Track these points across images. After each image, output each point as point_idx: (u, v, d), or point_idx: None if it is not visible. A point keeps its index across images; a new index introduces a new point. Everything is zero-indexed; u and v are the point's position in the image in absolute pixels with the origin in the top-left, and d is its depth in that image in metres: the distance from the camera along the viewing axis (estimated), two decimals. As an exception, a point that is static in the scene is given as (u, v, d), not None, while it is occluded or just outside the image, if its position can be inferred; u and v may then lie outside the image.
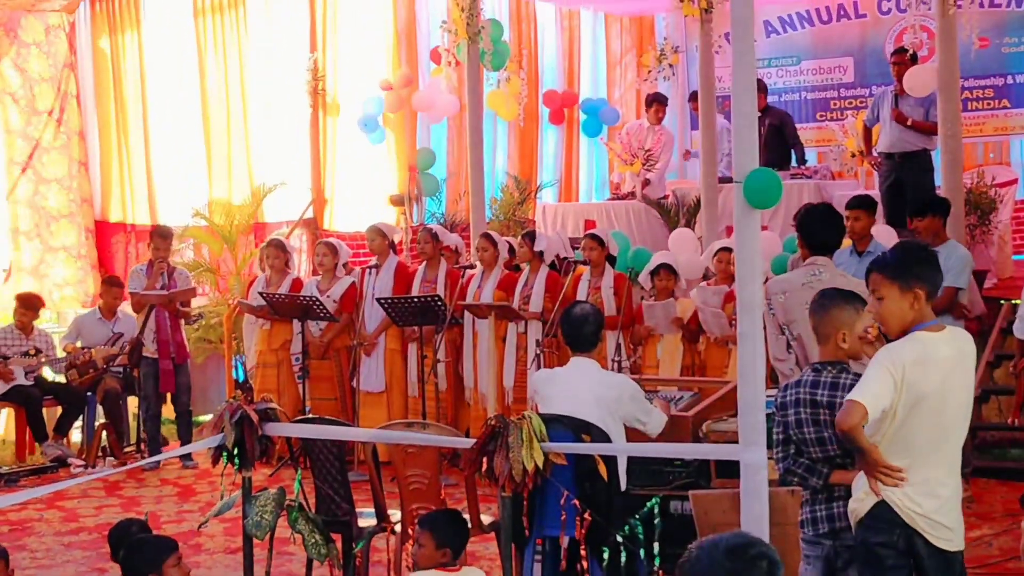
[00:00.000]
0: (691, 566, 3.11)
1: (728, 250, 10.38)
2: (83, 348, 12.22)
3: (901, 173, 12.26)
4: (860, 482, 5.15)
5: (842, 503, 5.38)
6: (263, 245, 12.41)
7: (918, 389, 4.98)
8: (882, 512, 5.06)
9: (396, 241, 12.39)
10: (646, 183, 14.37)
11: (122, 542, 6.03)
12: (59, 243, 14.42)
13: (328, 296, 11.40)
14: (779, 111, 14.78)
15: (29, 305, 12.45)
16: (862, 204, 9.33)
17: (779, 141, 14.11)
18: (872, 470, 5.05)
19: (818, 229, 7.52)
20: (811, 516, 5.47)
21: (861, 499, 5.12)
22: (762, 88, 14.36)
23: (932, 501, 5.05)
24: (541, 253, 11.12)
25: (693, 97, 15.38)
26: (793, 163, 13.98)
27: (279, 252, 11.94)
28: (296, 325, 11.45)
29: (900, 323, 5.13)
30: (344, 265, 11.81)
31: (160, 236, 12.28)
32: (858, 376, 5.27)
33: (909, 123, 12.14)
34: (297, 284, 11.79)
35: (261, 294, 11.54)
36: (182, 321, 12.28)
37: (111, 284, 12.74)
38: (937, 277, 5.22)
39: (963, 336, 5.25)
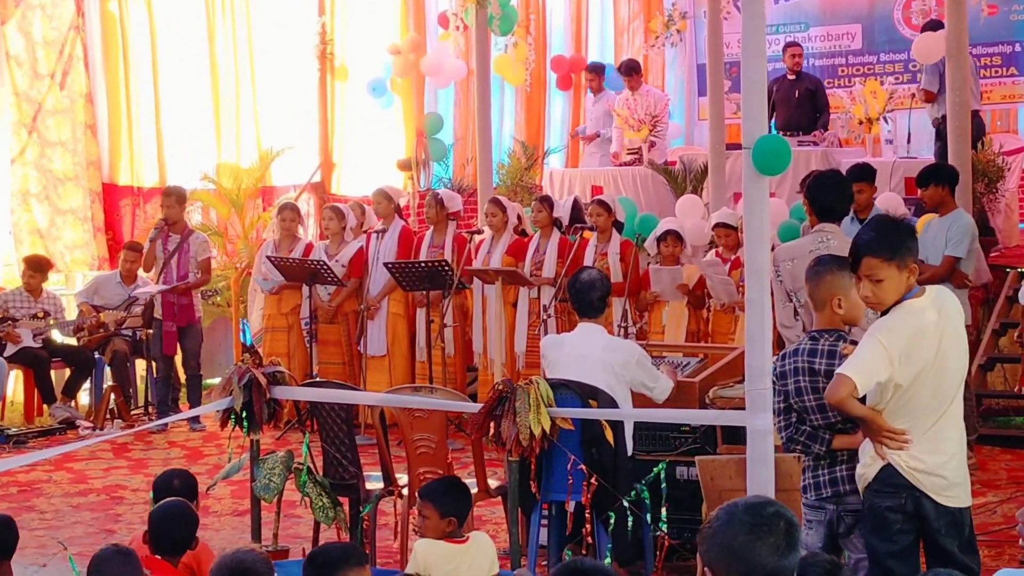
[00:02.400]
0: (712, 529, 3.16)
1: (725, 226, 10.41)
2: (95, 310, 12.27)
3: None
4: (866, 448, 5.18)
5: (845, 467, 5.41)
6: (278, 208, 12.37)
7: (920, 359, 5.03)
8: (889, 475, 5.10)
9: (402, 205, 12.41)
10: (652, 145, 14.37)
11: (163, 495, 6.00)
12: (66, 206, 14.43)
13: (336, 260, 11.43)
14: (814, 77, 14.84)
15: (37, 267, 12.48)
16: (859, 174, 9.38)
17: (811, 106, 14.17)
18: (875, 435, 5.09)
19: (827, 196, 7.52)
20: (814, 481, 5.51)
21: (868, 464, 5.16)
22: (798, 51, 14.41)
23: (936, 457, 5.10)
24: (557, 219, 11.14)
25: (627, 69, 15.23)
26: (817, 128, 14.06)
27: (295, 215, 12.02)
28: (304, 289, 11.48)
29: (897, 298, 5.15)
30: (352, 228, 11.83)
31: (165, 194, 12.27)
32: (856, 343, 5.29)
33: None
34: (310, 249, 11.83)
35: (269, 258, 11.57)
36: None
37: (131, 249, 12.73)
38: (917, 245, 5.25)
39: (944, 295, 5.27)
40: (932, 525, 5.11)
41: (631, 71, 15.05)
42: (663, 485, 6.37)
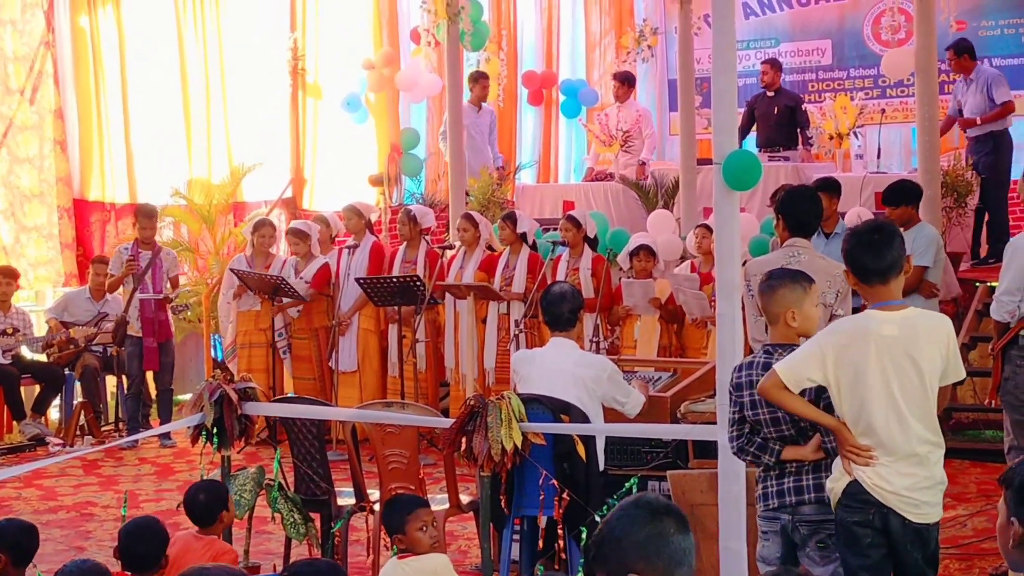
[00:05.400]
0: (613, 539, 3.11)
1: (707, 227, 10.41)
2: (64, 326, 12.20)
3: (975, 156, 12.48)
4: (837, 462, 5.18)
5: (792, 478, 5.37)
6: (255, 225, 12.31)
7: (858, 365, 5.00)
8: (856, 491, 5.08)
9: (374, 221, 12.42)
10: (642, 168, 14.35)
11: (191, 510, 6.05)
12: (31, 223, 14.38)
13: (301, 278, 11.47)
14: (793, 93, 14.84)
15: (9, 274, 12.45)
16: (823, 187, 9.48)
17: (791, 122, 14.18)
18: (841, 448, 5.10)
19: (798, 211, 7.52)
20: (763, 491, 5.47)
21: (837, 479, 5.15)
22: (777, 67, 14.42)
23: (904, 479, 5.04)
24: (523, 234, 11.15)
25: (623, 77, 15.29)
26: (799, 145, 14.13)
27: (273, 231, 12.06)
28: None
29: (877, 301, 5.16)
30: (319, 242, 11.86)
31: (144, 215, 12.23)
32: None
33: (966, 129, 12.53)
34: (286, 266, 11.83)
35: (233, 271, 11.59)
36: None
37: (100, 263, 12.69)
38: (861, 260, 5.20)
39: (927, 318, 5.20)
40: (897, 539, 5.08)
41: (626, 80, 15.08)
42: (635, 500, 6.36)
